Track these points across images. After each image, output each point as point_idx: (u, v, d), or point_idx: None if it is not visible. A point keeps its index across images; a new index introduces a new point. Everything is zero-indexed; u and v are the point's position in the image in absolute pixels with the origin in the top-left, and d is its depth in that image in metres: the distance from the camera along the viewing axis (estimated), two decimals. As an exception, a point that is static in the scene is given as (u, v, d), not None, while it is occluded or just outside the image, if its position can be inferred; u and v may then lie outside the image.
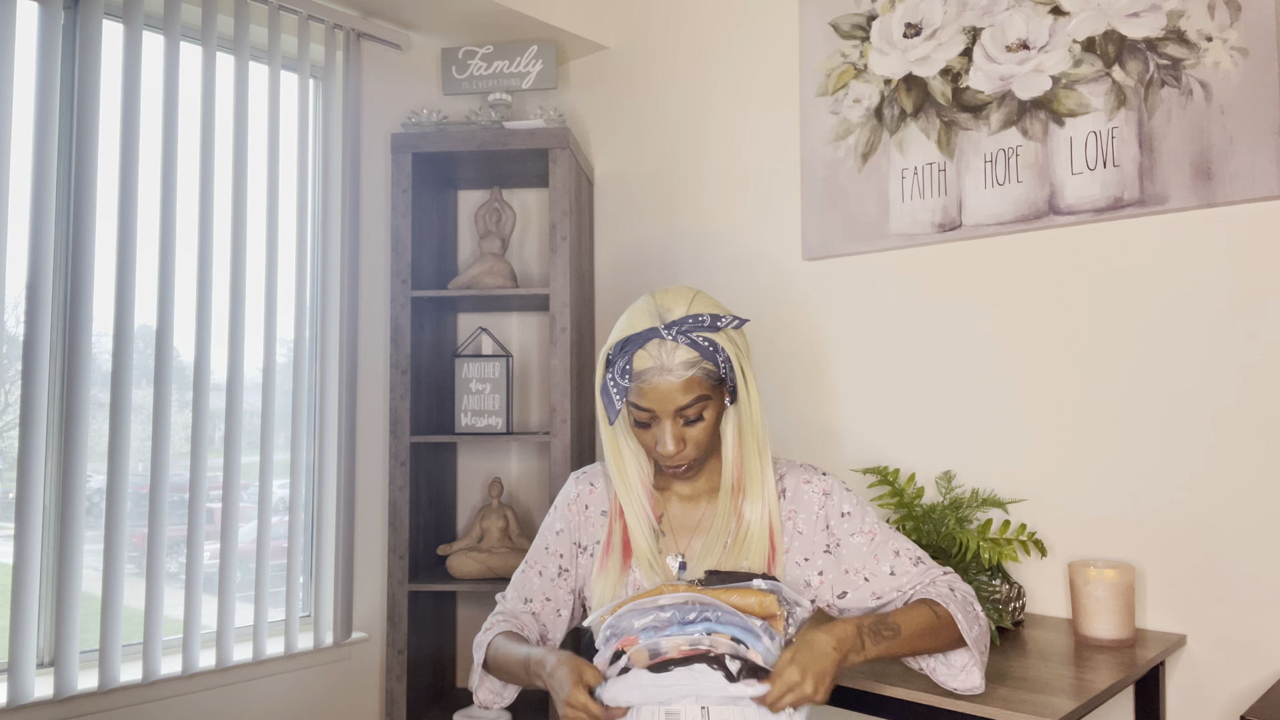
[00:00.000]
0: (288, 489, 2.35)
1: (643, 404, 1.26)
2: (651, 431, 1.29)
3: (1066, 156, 1.87)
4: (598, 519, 1.47)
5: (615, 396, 1.27)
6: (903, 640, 1.25)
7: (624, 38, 2.73)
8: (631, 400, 1.28)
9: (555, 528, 1.49)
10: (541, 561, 1.50)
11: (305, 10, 2.35)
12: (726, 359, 1.28)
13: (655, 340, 1.25)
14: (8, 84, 1.87)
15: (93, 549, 2.05)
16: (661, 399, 1.25)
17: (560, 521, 1.49)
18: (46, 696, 1.88)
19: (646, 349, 1.25)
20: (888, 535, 1.39)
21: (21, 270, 1.94)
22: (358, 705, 2.46)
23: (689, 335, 1.25)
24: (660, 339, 1.24)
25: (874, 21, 2.17)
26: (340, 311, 2.41)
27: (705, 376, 1.26)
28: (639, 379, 1.25)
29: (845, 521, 1.39)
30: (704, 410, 1.28)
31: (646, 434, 1.31)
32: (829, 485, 1.41)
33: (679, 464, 1.31)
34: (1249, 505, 1.65)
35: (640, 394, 1.26)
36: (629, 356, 1.25)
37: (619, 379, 1.26)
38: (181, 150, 2.16)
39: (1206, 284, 1.72)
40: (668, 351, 1.24)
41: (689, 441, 1.29)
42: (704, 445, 1.31)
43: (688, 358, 1.24)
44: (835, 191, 2.21)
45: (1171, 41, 1.76)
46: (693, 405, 1.26)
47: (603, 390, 1.30)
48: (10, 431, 2.00)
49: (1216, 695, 1.67)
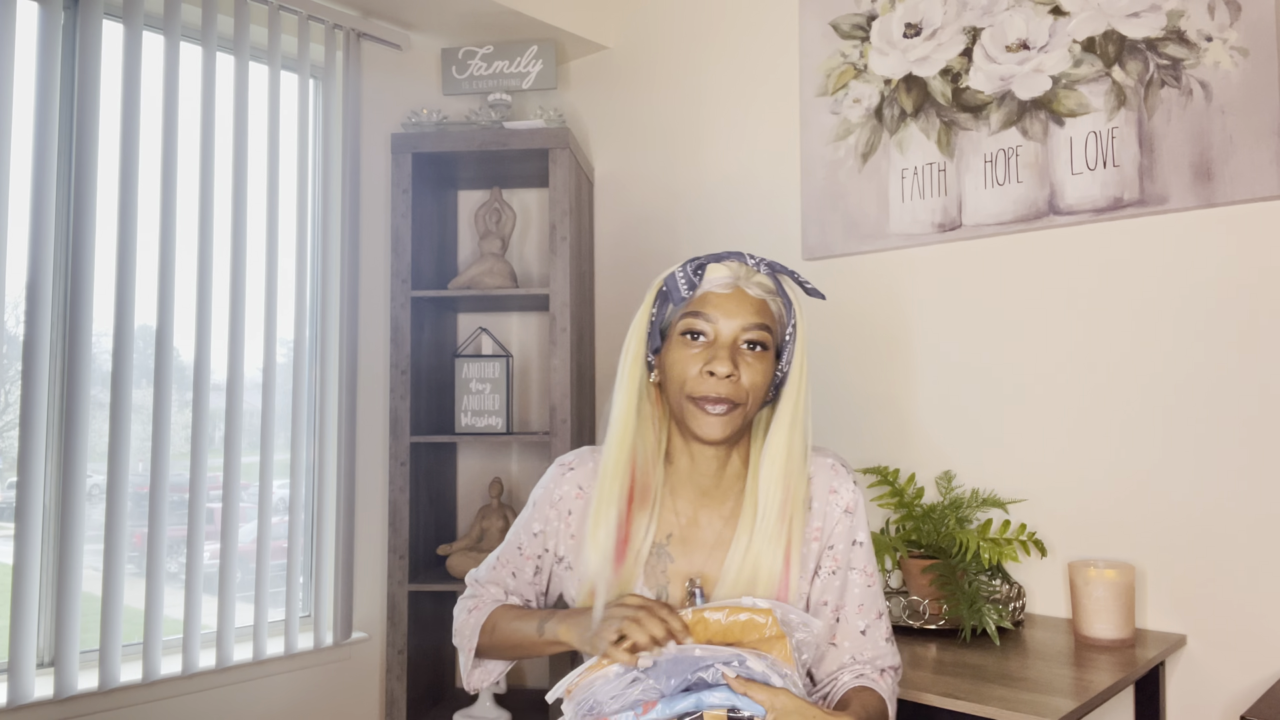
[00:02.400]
0: (288, 489, 2.35)
1: (706, 310, 1.13)
2: (703, 351, 1.13)
3: (1066, 156, 1.87)
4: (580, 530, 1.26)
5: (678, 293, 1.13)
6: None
7: (624, 38, 2.73)
8: (691, 310, 1.14)
9: (533, 528, 1.30)
10: (515, 563, 1.32)
11: (305, 10, 2.35)
12: (794, 320, 1.17)
13: (737, 260, 1.15)
14: (8, 84, 1.87)
15: (93, 549, 2.05)
16: (730, 308, 1.13)
17: (539, 522, 1.29)
18: (46, 696, 1.88)
19: (726, 264, 1.15)
20: (879, 590, 1.26)
21: (21, 270, 1.94)
22: (358, 705, 2.46)
23: (772, 269, 1.16)
24: (743, 260, 1.16)
25: (874, 21, 2.17)
26: (340, 311, 2.41)
27: (774, 318, 1.16)
28: (709, 284, 1.14)
29: (856, 552, 1.24)
30: (763, 345, 1.14)
31: (694, 356, 1.13)
32: (853, 500, 1.24)
33: (726, 396, 1.12)
34: (1249, 505, 1.65)
35: (705, 300, 1.13)
36: (701, 265, 1.15)
37: (683, 284, 1.13)
38: (181, 150, 2.16)
39: (1206, 284, 1.72)
40: (747, 272, 1.15)
41: (744, 374, 1.13)
42: (756, 392, 1.14)
43: (766, 283, 1.16)
44: (835, 191, 2.21)
45: (1171, 41, 1.76)
46: (756, 330, 1.13)
47: (657, 297, 1.17)
48: (10, 431, 2.00)
49: (1216, 695, 1.67)
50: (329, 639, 2.35)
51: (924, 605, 1.73)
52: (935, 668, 1.49)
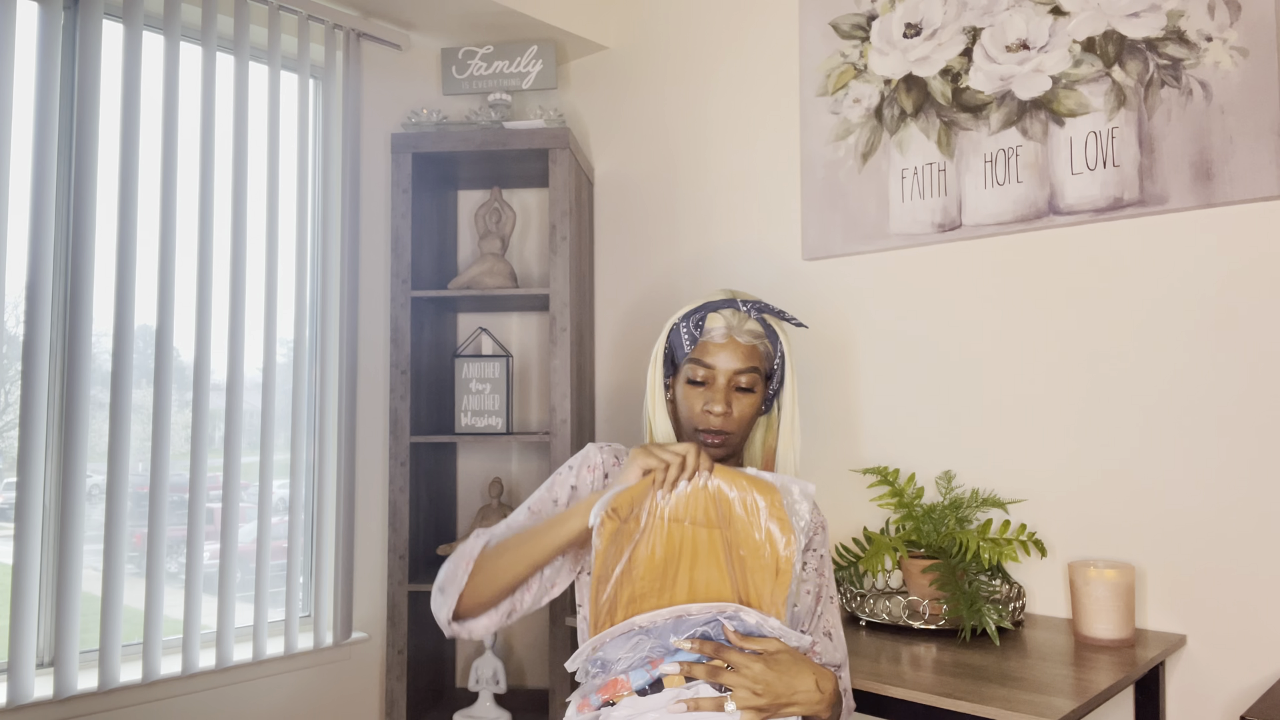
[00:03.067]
0: (288, 489, 2.35)
1: (705, 359, 1.36)
2: (703, 392, 1.36)
3: (1066, 156, 1.87)
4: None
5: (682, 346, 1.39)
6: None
7: (624, 38, 2.73)
8: (694, 357, 1.37)
9: (569, 482, 1.37)
10: (547, 512, 1.36)
11: (305, 10, 2.35)
12: (781, 353, 1.41)
13: (731, 309, 1.38)
14: (8, 84, 1.87)
15: (93, 549, 2.05)
16: (725, 357, 1.35)
17: (575, 479, 1.38)
18: (46, 696, 1.88)
19: (720, 313, 1.37)
20: (833, 611, 1.38)
21: (21, 270, 1.94)
22: (358, 705, 2.46)
23: (760, 313, 1.39)
24: (735, 309, 1.38)
25: (874, 21, 2.17)
26: (340, 311, 2.41)
27: (763, 357, 1.38)
28: (707, 335, 1.37)
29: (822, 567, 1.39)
30: (754, 385, 1.37)
31: (696, 395, 1.36)
32: (824, 519, 1.45)
33: (719, 429, 1.35)
34: (1249, 505, 1.65)
35: (704, 349, 1.37)
36: (703, 315, 1.38)
37: (686, 339, 1.38)
38: (181, 150, 2.16)
39: (1206, 284, 1.72)
40: (739, 319, 1.37)
41: (735, 410, 1.36)
42: (744, 423, 1.37)
43: (755, 329, 1.37)
44: (835, 191, 2.21)
45: (1171, 41, 1.76)
46: (748, 374, 1.35)
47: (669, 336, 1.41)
48: (10, 431, 2.00)
49: (1216, 695, 1.67)
50: (329, 639, 2.35)
51: (924, 605, 1.73)
52: (935, 668, 1.49)
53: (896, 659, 1.55)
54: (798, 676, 1.16)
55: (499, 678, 2.45)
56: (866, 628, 1.78)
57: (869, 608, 1.80)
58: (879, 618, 1.77)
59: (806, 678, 1.17)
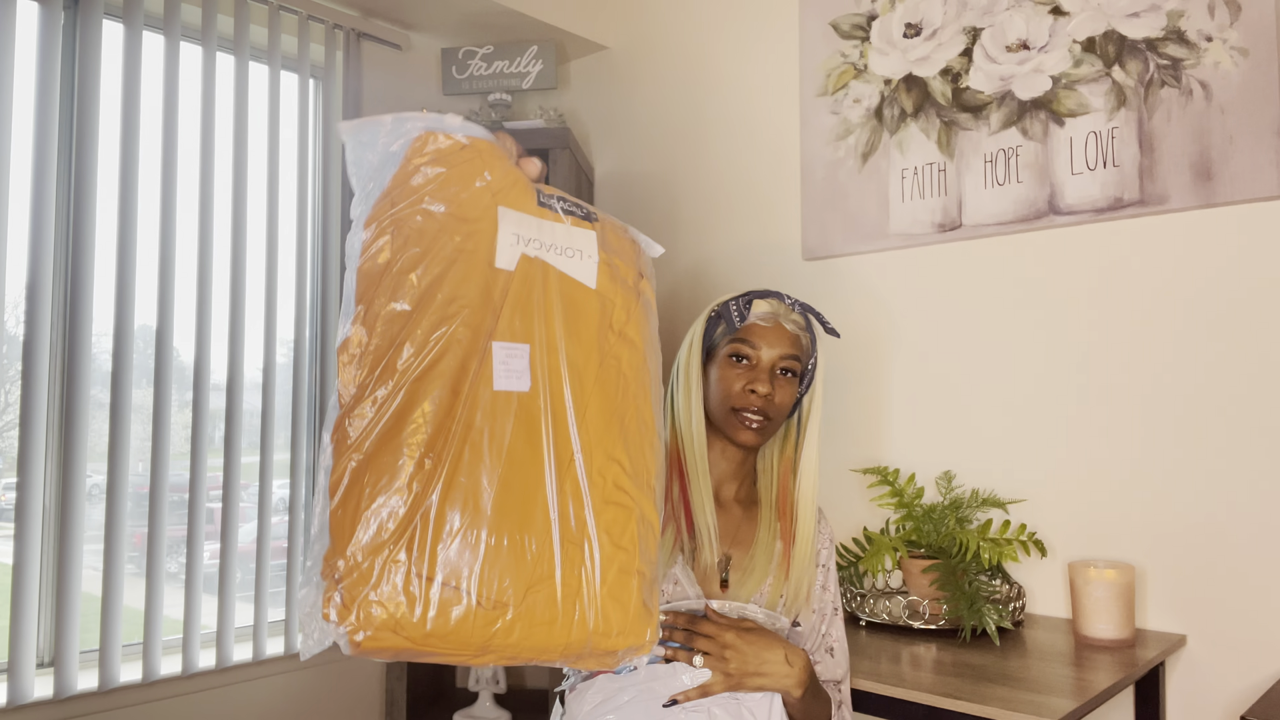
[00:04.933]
0: (288, 489, 2.35)
1: (751, 338, 1.34)
2: (745, 372, 1.33)
3: (1066, 156, 1.87)
4: None
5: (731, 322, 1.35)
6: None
7: (624, 38, 2.73)
8: (738, 337, 1.34)
9: None
10: None
11: (305, 10, 2.35)
12: (815, 355, 1.41)
13: (777, 299, 1.38)
14: (8, 84, 1.87)
15: (92, 549, 2.05)
16: (772, 338, 1.34)
17: None
18: (46, 696, 1.88)
19: (768, 300, 1.37)
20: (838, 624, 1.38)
21: (21, 270, 1.94)
22: (358, 705, 2.46)
23: (804, 311, 1.39)
24: (780, 300, 1.38)
25: (874, 21, 2.17)
26: (340, 311, 2.40)
27: (803, 350, 1.37)
28: (755, 317, 1.36)
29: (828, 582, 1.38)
30: (794, 373, 1.36)
31: (737, 375, 1.33)
32: (831, 531, 1.42)
33: (761, 409, 1.31)
34: (1249, 505, 1.65)
35: (751, 330, 1.35)
36: (749, 299, 1.37)
37: (736, 315, 1.35)
38: (181, 150, 2.16)
39: (1206, 284, 1.72)
40: (785, 310, 1.37)
41: (776, 393, 1.33)
42: (783, 410, 1.35)
43: (799, 320, 1.38)
44: (835, 191, 2.21)
45: (1171, 41, 1.76)
46: (790, 360, 1.34)
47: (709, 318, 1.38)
48: (10, 431, 2.00)
49: (1216, 695, 1.67)
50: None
51: (924, 605, 1.73)
52: (935, 668, 1.49)
53: (896, 659, 1.55)
54: (767, 649, 1.19)
55: (499, 678, 2.45)
56: (866, 628, 1.78)
57: (869, 608, 1.80)
58: (879, 618, 1.77)
59: (776, 650, 1.19)
